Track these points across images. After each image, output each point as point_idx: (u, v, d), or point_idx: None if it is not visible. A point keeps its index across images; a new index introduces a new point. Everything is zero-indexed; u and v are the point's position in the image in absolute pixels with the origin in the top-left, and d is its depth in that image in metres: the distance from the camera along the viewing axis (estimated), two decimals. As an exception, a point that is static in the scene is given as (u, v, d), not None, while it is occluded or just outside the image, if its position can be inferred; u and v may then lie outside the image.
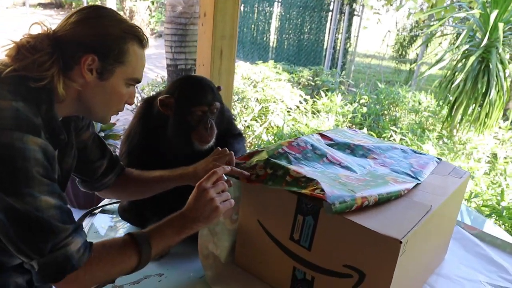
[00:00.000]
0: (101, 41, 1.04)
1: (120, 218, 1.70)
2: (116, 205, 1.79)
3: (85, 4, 10.47)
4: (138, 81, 1.15)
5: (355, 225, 1.09)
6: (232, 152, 1.33)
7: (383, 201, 1.20)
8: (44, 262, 0.91)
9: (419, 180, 1.36)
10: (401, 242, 1.02)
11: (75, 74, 1.04)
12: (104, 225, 1.68)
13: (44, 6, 14.04)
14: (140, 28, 1.11)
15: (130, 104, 1.18)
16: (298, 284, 1.27)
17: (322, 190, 1.13)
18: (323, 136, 1.56)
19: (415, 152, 1.59)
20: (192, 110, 1.42)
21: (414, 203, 1.21)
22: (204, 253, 1.37)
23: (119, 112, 1.20)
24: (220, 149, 1.35)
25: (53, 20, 12.02)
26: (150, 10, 11.75)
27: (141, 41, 1.11)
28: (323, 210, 1.14)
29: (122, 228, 1.68)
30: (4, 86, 0.95)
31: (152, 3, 11.71)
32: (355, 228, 1.09)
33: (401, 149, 1.59)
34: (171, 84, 1.52)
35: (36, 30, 1.04)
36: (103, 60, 1.04)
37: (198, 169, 1.33)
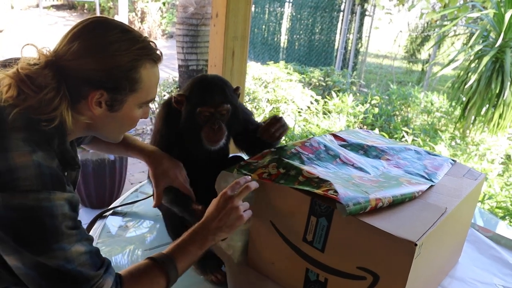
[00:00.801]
0: (110, 75, 0.94)
1: (131, 218, 1.72)
2: (127, 207, 1.80)
3: (97, 6, 10.56)
4: (152, 101, 1.10)
5: (370, 227, 1.08)
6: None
7: (397, 203, 1.19)
8: None
9: (434, 182, 1.35)
10: (416, 245, 1.01)
11: (82, 107, 0.98)
12: (116, 224, 1.70)
13: (57, 7, 14.18)
14: (151, 44, 1.02)
15: (145, 118, 1.14)
16: (311, 286, 1.27)
17: (336, 191, 1.12)
18: (336, 137, 1.56)
19: (429, 153, 1.58)
20: (198, 110, 1.41)
21: (428, 205, 1.20)
22: (217, 253, 1.37)
23: None
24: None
25: (67, 21, 12.15)
26: (162, 11, 11.80)
27: (154, 60, 1.02)
28: (337, 212, 1.13)
29: (133, 228, 1.69)
30: (17, 135, 0.88)
31: (164, 4, 11.76)
32: (369, 229, 1.08)
33: (414, 150, 1.58)
34: (188, 82, 1.52)
35: (30, 52, 0.95)
36: (113, 93, 0.97)
37: (168, 171, 1.39)
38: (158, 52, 1.03)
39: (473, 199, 1.43)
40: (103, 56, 0.93)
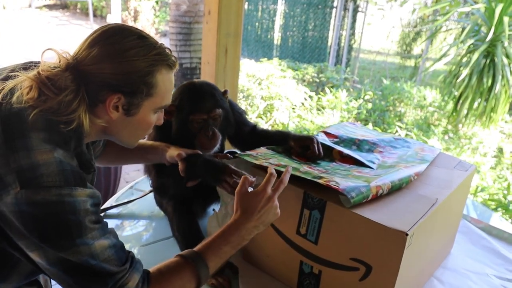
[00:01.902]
0: (127, 79, 0.97)
1: (126, 217, 1.74)
2: (119, 209, 1.80)
3: (90, 6, 10.49)
4: (167, 106, 1.11)
5: (362, 219, 1.10)
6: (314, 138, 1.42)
7: (396, 189, 1.22)
8: None
9: (428, 161, 1.40)
10: (407, 235, 1.03)
11: (99, 111, 1.00)
12: (111, 223, 1.70)
13: (50, 7, 14.09)
14: (167, 50, 1.05)
15: (160, 124, 1.16)
16: (305, 278, 1.29)
17: (337, 183, 1.14)
18: (327, 134, 1.57)
19: (416, 141, 1.64)
20: (191, 118, 1.41)
21: (419, 197, 1.22)
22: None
23: None
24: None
25: (60, 21, 12.08)
26: (155, 10, 11.77)
27: (170, 66, 1.05)
28: (330, 204, 1.15)
29: (129, 226, 1.70)
30: (38, 134, 0.89)
31: (157, 2, 11.72)
32: (361, 221, 1.10)
33: (403, 139, 1.63)
34: (175, 91, 1.51)
35: (49, 56, 0.97)
36: (130, 98, 0.99)
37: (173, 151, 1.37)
38: (173, 58, 1.05)
39: (464, 190, 1.45)
40: (121, 61, 0.96)
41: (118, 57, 0.96)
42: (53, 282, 1.25)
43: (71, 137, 0.95)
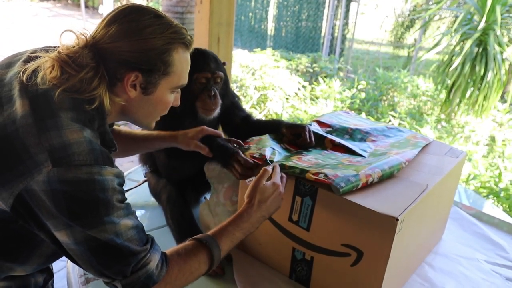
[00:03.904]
0: (145, 57, 0.98)
1: None
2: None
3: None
4: (184, 86, 1.12)
5: (353, 204, 1.11)
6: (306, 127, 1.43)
7: (386, 176, 1.23)
8: (127, 282, 0.94)
9: (420, 146, 1.43)
10: (397, 220, 1.04)
11: (118, 89, 1.01)
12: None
13: (40, -2, 13.95)
14: (184, 29, 1.05)
15: (176, 106, 1.17)
16: (297, 264, 1.30)
17: (326, 175, 1.15)
18: (320, 123, 1.58)
19: (410, 130, 1.64)
20: (195, 77, 1.42)
21: (410, 183, 1.23)
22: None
23: None
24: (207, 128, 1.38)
25: (50, 12, 11.96)
26: (147, 0, 11.68)
27: (186, 44, 1.05)
28: (321, 190, 1.16)
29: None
30: (66, 114, 0.91)
31: (149, -8, 11.64)
32: (352, 207, 1.11)
33: (396, 128, 1.63)
34: None
35: (68, 39, 0.99)
36: (148, 76, 1.01)
37: (189, 133, 1.37)
38: (189, 37, 1.06)
39: (454, 176, 1.47)
40: (138, 39, 0.97)
41: (135, 35, 0.97)
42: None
43: (95, 116, 0.97)
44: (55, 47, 1.03)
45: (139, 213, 1.75)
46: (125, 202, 0.96)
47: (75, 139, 0.89)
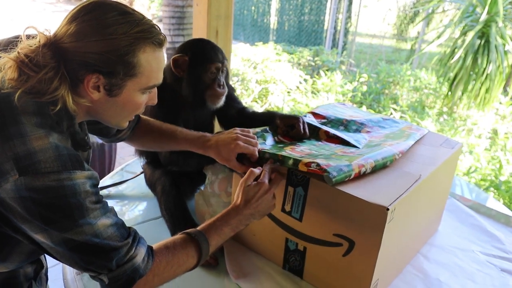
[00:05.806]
0: (105, 59, 0.91)
1: (127, 202, 1.75)
2: (110, 190, 1.81)
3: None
4: (156, 86, 1.05)
5: (344, 194, 1.11)
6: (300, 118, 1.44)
7: (379, 167, 1.23)
8: (113, 276, 0.94)
9: (414, 138, 1.42)
10: (388, 209, 1.04)
11: (81, 90, 0.95)
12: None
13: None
14: (154, 27, 0.98)
15: (153, 104, 1.11)
16: (290, 255, 1.30)
17: (318, 165, 1.14)
18: (315, 115, 1.57)
19: (405, 122, 1.64)
20: (208, 66, 1.47)
21: (403, 173, 1.23)
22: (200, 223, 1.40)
23: None
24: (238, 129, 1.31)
25: (55, 8, 11.95)
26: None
27: (154, 43, 0.97)
28: (313, 180, 1.16)
29: (129, 212, 1.70)
30: (30, 119, 0.87)
31: (151, -13, 11.60)
32: (344, 197, 1.11)
33: (392, 120, 1.62)
34: (181, 46, 1.55)
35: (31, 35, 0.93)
36: (110, 78, 0.94)
37: (219, 142, 1.28)
38: (161, 36, 0.98)
39: (450, 167, 1.46)
40: (98, 39, 0.90)
41: (95, 35, 0.90)
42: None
43: (62, 118, 0.94)
44: (21, 40, 0.95)
45: (135, 203, 1.75)
46: (100, 201, 0.94)
47: (40, 146, 0.85)
